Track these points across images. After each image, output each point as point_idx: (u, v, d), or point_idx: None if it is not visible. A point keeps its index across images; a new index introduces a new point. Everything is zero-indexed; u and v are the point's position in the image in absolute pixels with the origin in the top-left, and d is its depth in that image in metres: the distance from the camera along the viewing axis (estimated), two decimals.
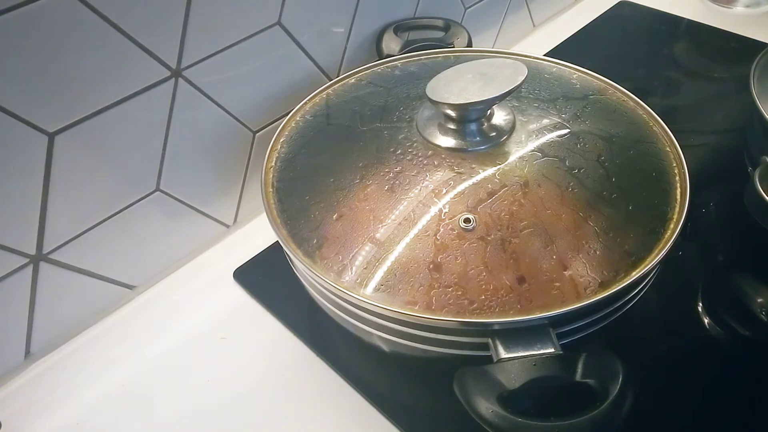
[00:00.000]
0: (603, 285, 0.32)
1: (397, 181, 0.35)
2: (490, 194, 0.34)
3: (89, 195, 0.41)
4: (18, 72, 0.34)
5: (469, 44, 0.53)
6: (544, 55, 0.47)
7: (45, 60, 0.34)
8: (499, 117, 0.38)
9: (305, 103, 0.44)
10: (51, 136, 0.37)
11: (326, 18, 0.49)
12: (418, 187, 0.35)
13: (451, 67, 0.38)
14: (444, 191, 0.35)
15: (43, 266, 0.40)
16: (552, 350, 0.30)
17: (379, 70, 0.46)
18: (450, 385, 0.30)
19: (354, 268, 0.33)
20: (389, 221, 0.34)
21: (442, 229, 0.33)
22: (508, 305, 0.31)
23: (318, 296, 0.37)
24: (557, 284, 0.32)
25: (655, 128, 0.41)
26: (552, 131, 0.38)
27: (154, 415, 0.41)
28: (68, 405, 0.41)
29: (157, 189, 0.45)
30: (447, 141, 0.37)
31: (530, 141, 0.37)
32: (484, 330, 0.31)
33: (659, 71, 0.68)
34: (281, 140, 0.41)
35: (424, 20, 0.56)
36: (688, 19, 0.74)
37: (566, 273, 0.32)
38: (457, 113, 0.36)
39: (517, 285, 0.32)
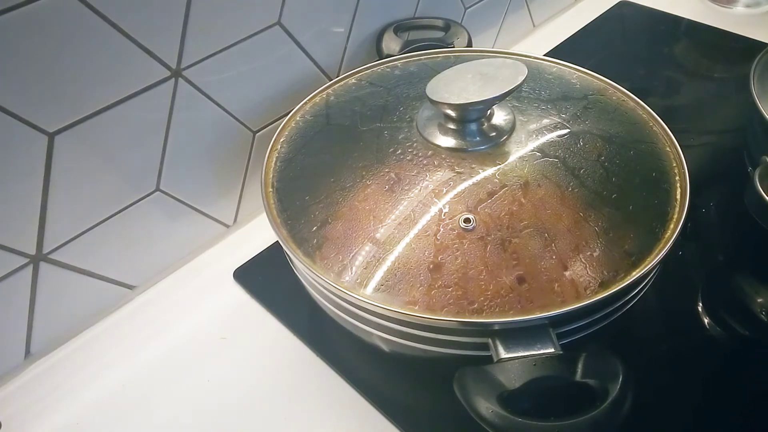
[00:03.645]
0: (603, 285, 0.32)
1: (397, 181, 0.35)
2: (490, 194, 0.34)
3: (89, 195, 0.41)
4: (18, 72, 0.34)
5: (469, 44, 0.53)
6: (544, 55, 0.47)
7: (45, 60, 0.34)
8: (499, 117, 0.38)
9: (305, 103, 0.44)
10: (51, 136, 0.37)
11: (326, 18, 0.49)
12: (418, 187, 0.35)
13: (451, 67, 0.38)
14: (444, 191, 0.35)
15: (43, 266, 0.40)
16: (552, 350, 0.30)
17: (379, 70, 0.46)
18: (450, 385, 0.30)
19: (354, 268, 0.33)
20: (389, 221, 0.34)
21: (442, 229, 0.33)
22: (508, 305, 0.31)
23: (318, 296, 0.37)
24: (557, 284, 0.32)
25: (655, 128, 0.41)
26: (552, 131, 0.38)
27: (153, 415, 0.41)
28: (68, 405, 0.41)
29: (157, 189, 0.45)
30: (447, 141, 0.37)
31: (530, 141, 0.37)
32: (484, 330, 0.31)
33: (659, 71, 0.68)
34: (281, 140, 0.41)
35: (424, 20, 0.56)
36: (688, 19, 0.74)
37: (566, 273, 0.32)
38: (457, 113, 0.36)
39: (517, 285, 0.32)
